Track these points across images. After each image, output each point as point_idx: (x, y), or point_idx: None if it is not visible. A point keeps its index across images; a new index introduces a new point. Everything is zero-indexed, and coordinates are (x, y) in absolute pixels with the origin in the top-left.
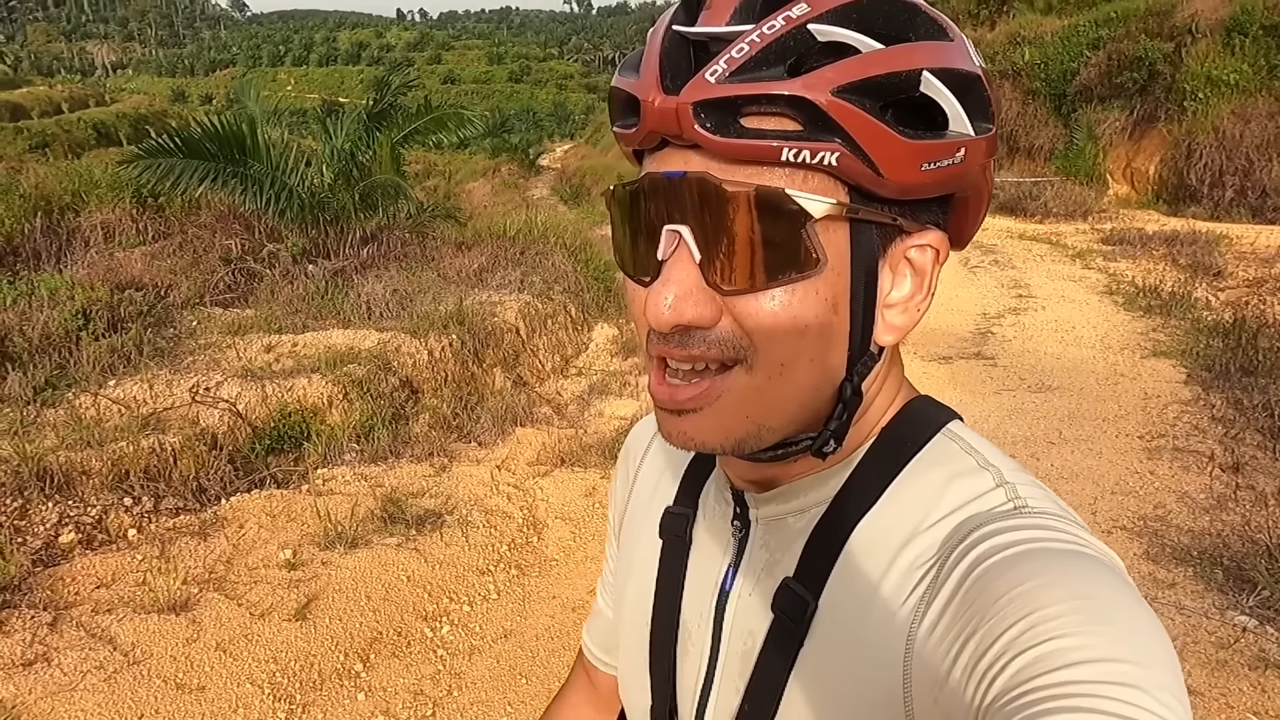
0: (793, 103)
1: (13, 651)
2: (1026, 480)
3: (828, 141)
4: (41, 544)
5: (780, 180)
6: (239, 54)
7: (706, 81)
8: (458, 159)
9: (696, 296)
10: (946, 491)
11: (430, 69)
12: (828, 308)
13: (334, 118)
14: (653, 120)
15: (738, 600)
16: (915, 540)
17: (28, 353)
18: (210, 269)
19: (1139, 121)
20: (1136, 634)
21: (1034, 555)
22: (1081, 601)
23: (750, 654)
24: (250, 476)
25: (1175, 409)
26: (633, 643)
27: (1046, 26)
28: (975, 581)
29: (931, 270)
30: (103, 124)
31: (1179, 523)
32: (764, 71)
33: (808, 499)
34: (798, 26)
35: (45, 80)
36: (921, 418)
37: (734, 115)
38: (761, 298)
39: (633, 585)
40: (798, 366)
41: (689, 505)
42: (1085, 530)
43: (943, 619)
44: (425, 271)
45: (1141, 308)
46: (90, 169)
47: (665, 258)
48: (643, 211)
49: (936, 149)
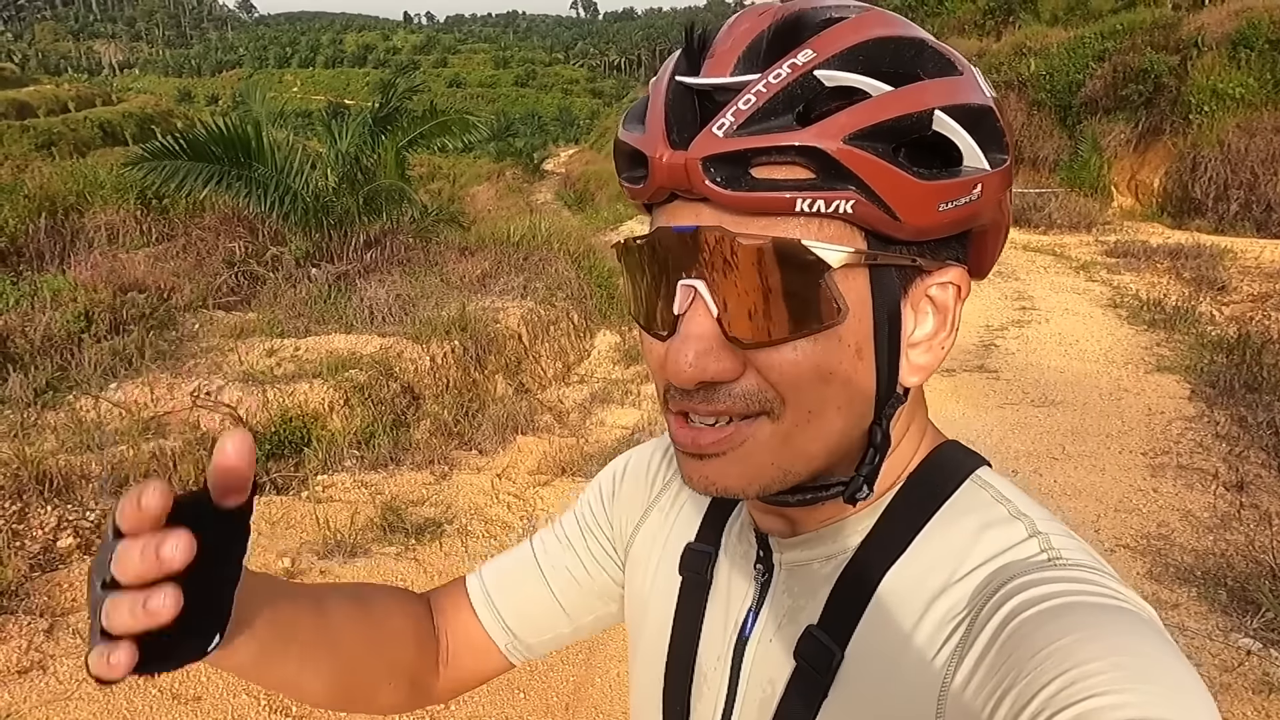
0: (804, 152)
1: (8, 659)
2: (1059, 530)
3: (842, 190)
4: (40, 548)
5: (795, 230)
6: (245, 55)
7: (714, 136)
8: (462, 163)
9: (718, 352)
10: (978, 541)
11: (436, 72)
12: (852, 354)
13: (339, 120)
14: (661, 176)
15: (757, 646)
16: (947, 591)
17: (29, 354)
18: (213, 272)
19: (1144, 134)
20: (1178, 692)
21: (1071, 609)
22: (1122, 658)
23: (769, 702)
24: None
25: (1179, 425)
26: (647, 680)
27: (1052, 38)
28: (1011, 635)
29: (954, 306)
30: (109, 123)
31: (1182, 542)
32: (772, 121)
33: (834, 545)
34: (804, 74)
35: (52, 79)
36: (950, 464)
37: (744, 167)
38: (784, 349)
39: (650, 621)
40: (825, 414)
41: (711, 543)
42: (1120, 583)
43: (977, 673)
44: (428, 276)
45: (1145, 322)
46: (95, 169)
47: (681, 312)
48: (656, 266)
49: (952, 188)
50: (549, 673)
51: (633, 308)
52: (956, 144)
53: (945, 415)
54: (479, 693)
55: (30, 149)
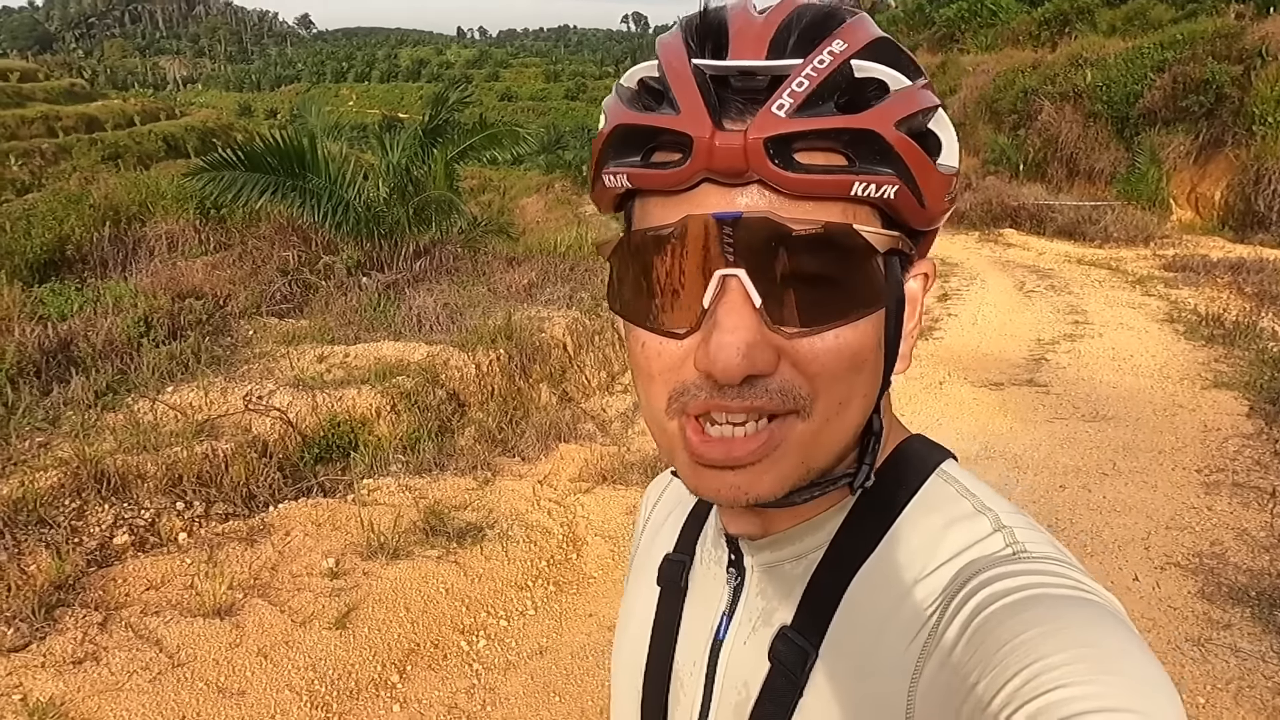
0: (859, 136)
1: (64, 649)
2: (1024, 524)
3: (888, 175)
4: (97, 545)
5: (838, 215)
6: (304, 70)
7: (775, 116)
8: (512, 175)
9: (762, 343)
10: (945, 537)
11: (488, 86)
12: (876, 341)
13: (392, 133)
14: (715, 159)
15: (731, 649)
16: (916, 588)
17: (91, 358)
18: (268, 279)
19: (1205, 146)
20: (1142, 683)
21: (1035, 602)
22: (1086, 650)
23: (744, 705)
24: (298, 485)
25: (1236, 443)
26: (625, 690)
27: (1109, 48)
28: (977, 630)
29: (922, 298)
30: (172, 136)
31: (1237, 561)
32: (820, 106)
33: (803, 544)
34: (842, 62)
35: (119, 94)
36: (915, 459)
37: (791, 151)
38: (826, 338)
39: (629, 631)
40: (853, 404)
41: (687, 552)
42: (1085, 574)
43: (945, 668)
44: (476, 286)
45: (1203, 337)
46: (157, 180)
47: (711, 304)
48: (680, 257)
49: (949, 179)
50: (584, 676)
51: (633, 307)
52: (943, 141)
53: (993, 429)
54: (513, 695)
55: (98, 161)
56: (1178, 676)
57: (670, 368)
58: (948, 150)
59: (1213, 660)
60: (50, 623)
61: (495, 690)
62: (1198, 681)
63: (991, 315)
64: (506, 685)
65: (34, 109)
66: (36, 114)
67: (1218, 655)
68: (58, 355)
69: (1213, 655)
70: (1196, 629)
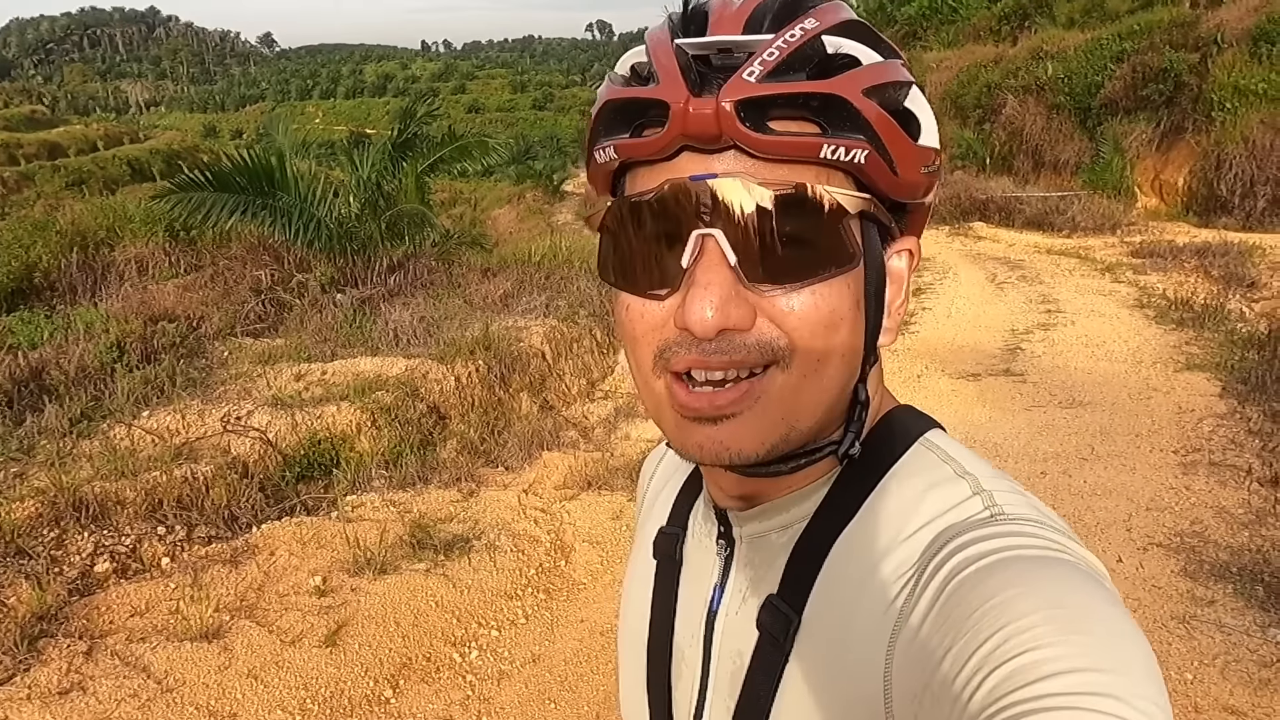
0: (826, 101)
1: (49, 680)
2: (1005, 487)
3: (857, 140)
4: (78, 573)
5: (810, 178)
6: (268, 89)
7: (746, 81)
8: (483, 186)
9: (736, 299)
10: (923, 501)
11: (455, 98)
12: (854, 303)
13: (360, 149)
14: (689, 124)
15: (725, 619)
16: (894, 552)
17: (64, 385)
18: (241, 300)
19: (1166, 133)
20: (1112, 640)
21: (1008, 564)
22: (1057, 610)
23: (739, 674)
24: (281, 504)
25: (1210, 423)
26: (631, 664)
27: (1069, 40)
28: (952, 594)
29: (908, 275)
30: (137, 160)
31: (1217, 539)
32: (790, 75)
33: (790, 515)
34: (814, 37)
35: (81, 119)
36: (900, 428)
37: (765, 117)
38: (801, 293)
39: (631, 606)
40: (831, 362)
41: (680, 525)
42: (1065, 535)
43: (922, 630)
44: (451, 298)
45: (1173, 321)
46: (124, 205)
47: (690, 264)
48: (660, 220)
49: (927, 154)
50: (578, 682)
51: (618, 274)
52: (920, 120)
53: (972, 419)
54: (508, 705)
55: (61, 187)
56: (1164, 654)
57: (654, 328)
58: (926, 130)
59: (1198, 637)
60: (34, 654)
61: (490, 700)
62: (1185, 658)
63: (965, 308)
64: (501, 695)
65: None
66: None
67: (1203, 631)
68: (29, 384)
69: (1198, 632)
70: (1181, 607)
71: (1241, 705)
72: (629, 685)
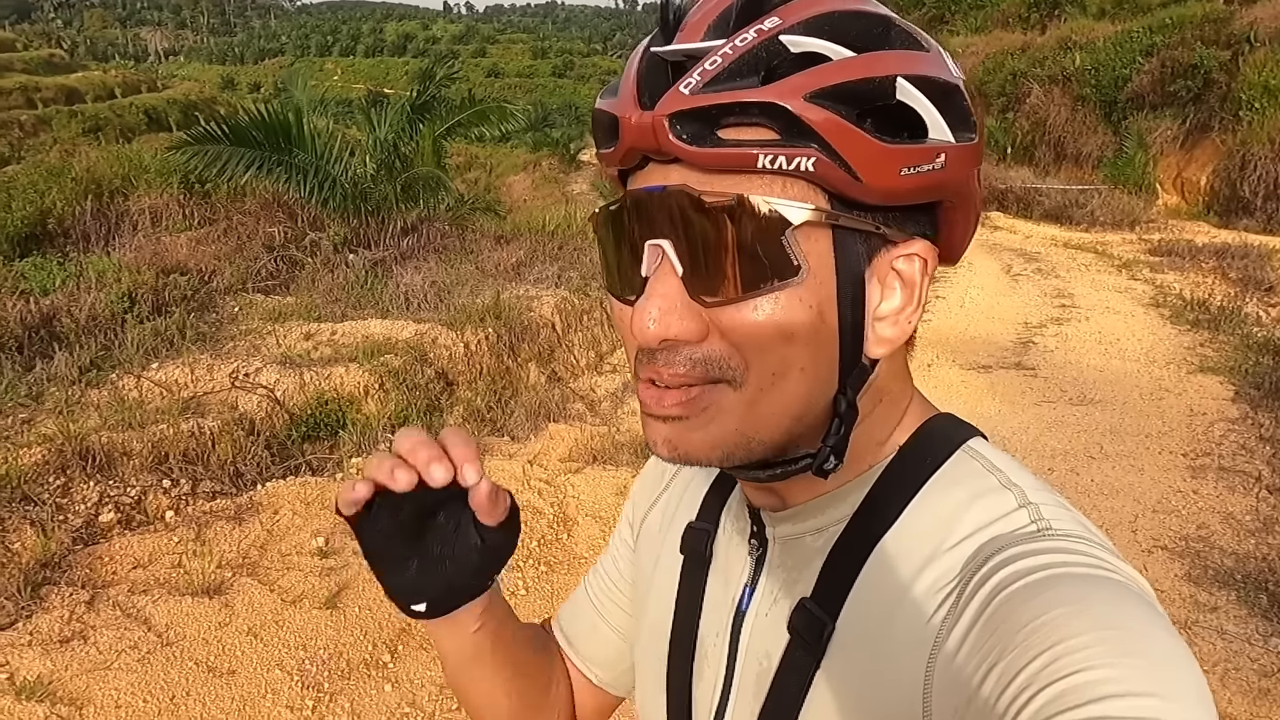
0: (766, 109)
1: (51, 628)
2: (1051, 500)
3: (804, 147)
4: (82, 523)
5: (759, 189)
6: (288, 43)
7: (680, 94)
8: (499, 153)
9: (681, 310)
10: (968, 512)
11: (475, 62)
12: (814, 315)
13: (378, 109)
14: (631, 136)
15: (754, 620)
16: (935, 562)
17: (74, 333)
18: (253, 255)
19: (1192, 130)
20: (1166, 666)
21: (1059, 581)
22: (1109, 632)
23: (766, 675)
24: (286, 463)
25: (1221, 427)
26: (650, 658)
27: (1099, 31)
28: (999, 608)
29: (920, 281)
30: (154, 109)
31: (1223, 544)
32: (737, 82)
33: (825, 518)
34: (769, 38)
35: (100, 65)
36: (941, 435)
37: (712, 127)
38: (745, 308)
39: (653, 600)
40: (789, 376)
41: (710, 521)
42: (1112, 553)
43: (965, 645)
44: (464, 264)
45: (1189, 321)
46: (140, 154)
47: (649, 274)
48: (626, 229)
49: (915, 154)
50: None
51: (606, 277)
52: (921, 115)
53: (980, 412)
54: None
55: (78, 133)
56: None
57: (629, 333)
58: (931, 125)
59: (1199, 643)
60: (37, 601)
61: None
62: None
63: (979, 298)
64: None
65: (12, 79)
66: (15, 85)
67: (1204, 638)
68: (40, 330)
69: (1199, 638)
70: (1183, 612)
71: (1240, 714)
72: (646, 678)
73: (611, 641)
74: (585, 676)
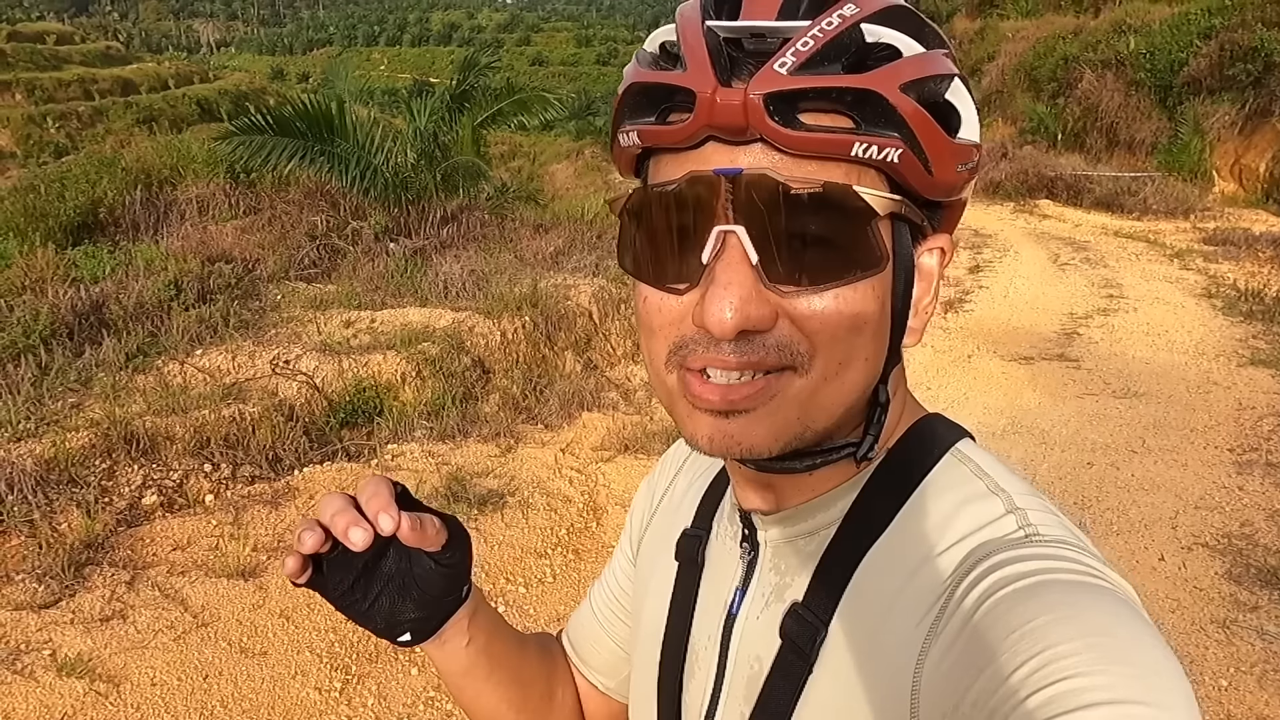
0: (861, 97)
1: (93, 607)
2: (1038, 506)
3: (891, 138)
4: (126, 505)
5: (840, 176)
6: (335, 33)
7: (776, 73)
8: (543, 141)
9: (757, 299)
10: (956, 518)
11: (519, 50)
12: (880, 306)
13: (421, 98)
14: (716, 115)
15: (745, 623)
16: (925, 568)
17: (123, 320)
18: (296, 244)
19: (1251, 116)
20: (1155, 674)
21: (1046, 588)
22: (1097, 638)
23: (756, 679)
24: (323, 448)
25: (1271, 422)
26: (644, 662)
27: (1154, 14)
28: (986, 614)
29: (939, 274)
30: (205, 100)
31: (1267, 543)
32: (825, 66)
33: (815, 521)
34: (852, 25)
35: (154, 57)
36: (930, 437)
37: (794, 110)
38: (825, 296)
39: (648, 606)
40: (853, 366)
41: (704, 527)
42: (1098, 559)
43: (952, 651)
44: (502, 253)
45: (1242, 313)
46: (188, 144)
47: (711, 261)
48: (682, 213)
49: (966, 151)
50: None
51: (637, 264)
52: (961, 113)
53: (1021, 404)
54: None
55: (132, 124)
56: (1201, 658)
57: (671, 322)
58: (967, 124)
59: (1237, 643)
60: (79, 580)
61: None
62: (1221, 664)
63: (1024, 288)
64: None
65: (71, 72)
66: (73, 77)
67: (1243, 638)
68: (90, 317)
69: (1237, 638)
70: (1222, 611)
71: (1277, 716)
72: (639, 682)
73: (614, 652)
74: (592, 684)
